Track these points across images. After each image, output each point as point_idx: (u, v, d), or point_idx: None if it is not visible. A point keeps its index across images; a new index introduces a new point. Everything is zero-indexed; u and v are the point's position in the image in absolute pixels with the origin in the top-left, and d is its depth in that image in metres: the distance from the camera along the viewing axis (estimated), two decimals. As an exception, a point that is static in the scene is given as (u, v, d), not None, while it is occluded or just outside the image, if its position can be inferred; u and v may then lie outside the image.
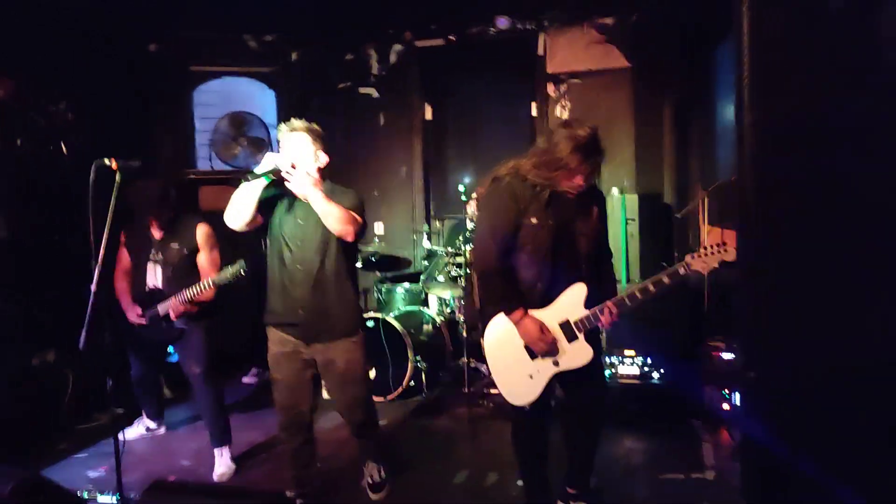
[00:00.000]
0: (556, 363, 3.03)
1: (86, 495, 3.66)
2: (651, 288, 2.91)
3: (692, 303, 5.16)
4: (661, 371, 5.19)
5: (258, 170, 3.18)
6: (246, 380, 6.00)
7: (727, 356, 4.55)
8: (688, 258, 2.88)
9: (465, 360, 5.22)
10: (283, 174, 3.16)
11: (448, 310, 5.67)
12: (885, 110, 2.06)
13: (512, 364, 3.08)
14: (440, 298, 5.72)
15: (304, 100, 6.69)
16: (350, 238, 3.24)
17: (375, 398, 5.26)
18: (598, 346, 3.08)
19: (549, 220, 2.96)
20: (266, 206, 3.32)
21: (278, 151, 3.32)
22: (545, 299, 3.03)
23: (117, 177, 3.45)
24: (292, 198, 3.31)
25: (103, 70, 5.70)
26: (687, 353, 5.07)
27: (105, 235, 3.33)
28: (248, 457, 4.42)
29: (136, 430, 4.85)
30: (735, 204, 2.38)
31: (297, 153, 3.26)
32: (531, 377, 3.05)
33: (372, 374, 5.32)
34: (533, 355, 3.05)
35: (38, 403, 4.82)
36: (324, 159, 3.36)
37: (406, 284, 5.95)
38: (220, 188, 6.24)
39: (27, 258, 4.98)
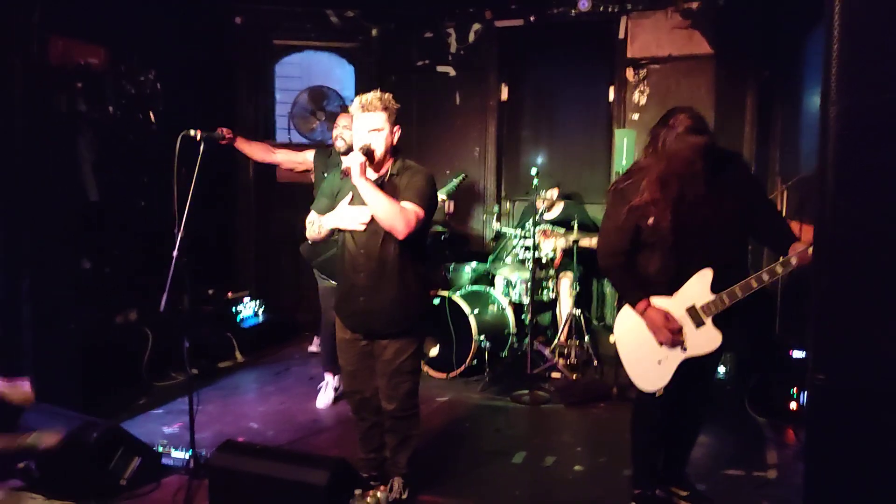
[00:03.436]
0: (684, 349, 3.05)
1: (160, 449, 3.87)
2: (766, 277, 2.91)
3: (765, 297, 5.04)
4: (728, 365, 5.12)
5: (331, 223, 3.21)
6: (311, 349, 6.16)
7: (798, 354, 4.44)
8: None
9: (528, 342, 5.24)
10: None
11: (514, 291, 5.69)
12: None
13: (641, 350, 3.12)
14: (507, 280, 5.74)
15: (383, 76, 6.75)
16: (399, 236, 3.04)
17: (438, 374, 5.37)
18: (727, 332, 3.04)
19: (669, 216, 2.93)
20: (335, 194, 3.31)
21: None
22: (673, 288, 3.06)
23: (201, 147, 3.61)
24: None
25: (191, 41, 5.89)
26: (756, 349, 4.97)
27: (188, 202, 3.49)
28: (313, 423, 4.57)
29: (325, 397, 4.93)
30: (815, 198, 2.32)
31: (372, 135, 3.12)
32: (660, 363, 3.08)
33: (435, 350, 5.41)
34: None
35: (120, 359, 5.08)
36: (397, 136, 3.21)
37: (473, 264, 5.99)
38: (298, 161, 6.40)
39: (115, 221, 5.22)
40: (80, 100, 4.89)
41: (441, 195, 5.32)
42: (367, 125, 3.12)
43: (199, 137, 3.61)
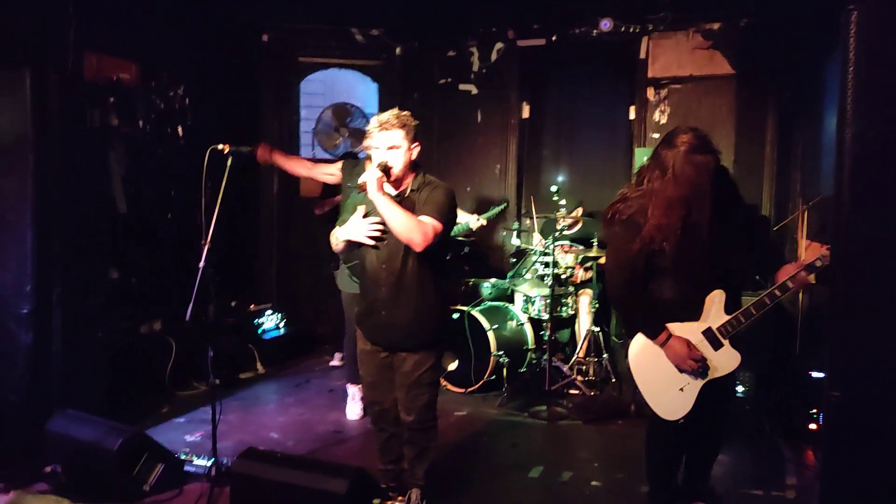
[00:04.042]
0: (706, 374, 3.01)
1: (183, 457, 3.94)
2: (778, 293, 2.91)
3: (785, 318, 5.04)
4: (748, 385, 5.11)
5: (344, 235, 3.27)
6: (333, 363, 6.22)
7: (818, 375, 4.43)
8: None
9: (547, 358, 5.26)
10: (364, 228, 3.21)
11: (533, 307, 5.72)
12: None
13: (661, 379, 3.05)
14: (526, 296, 5.77)
15: (406, 93, 6.84)
16: (417, 249, 3.09)
17: (456, 389, 5.41)
18: (743, 349, 3.02)
19: (682, 241, 2.91)
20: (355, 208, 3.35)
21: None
22: (687, 314, 3.03)
23: (228, 161, 3.70)
24: None
25: (218, 58, 6.03)
26: (776, 370, 4.96)
27: (214, 215, 3.57)
28: (333, 435, 4.62)
29: (355, 407, 4.96)
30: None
31: (390, 153, 3.17)
32: (682, 390, 3.03)
33: (454, 365, 5.44)
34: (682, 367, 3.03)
35: (144, 368, 5.16)
36: (416, 152, 3.26)
37: (493, 279, 6.03)
38: (321, 176, 6.50)
39: (142, 233, 5.32)
40: (112, 114, 5.02)
41: (482, 220, 5.44)
42: (384, 142, 3.17)
43: (226, 152, 3.70)
